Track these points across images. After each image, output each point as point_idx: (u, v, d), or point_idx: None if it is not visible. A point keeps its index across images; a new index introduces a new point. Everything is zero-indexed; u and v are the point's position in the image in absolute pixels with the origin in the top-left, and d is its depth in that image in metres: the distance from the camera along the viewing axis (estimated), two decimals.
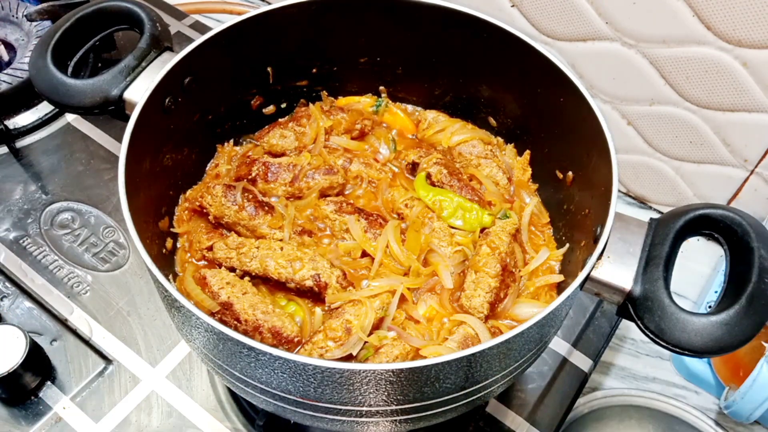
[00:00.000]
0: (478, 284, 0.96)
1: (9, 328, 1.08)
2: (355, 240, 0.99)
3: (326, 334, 0.89)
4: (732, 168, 1.36)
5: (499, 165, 1.11)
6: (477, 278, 0.97)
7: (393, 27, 1.08)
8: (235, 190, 1.02)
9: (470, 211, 1.04)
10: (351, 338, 0.88)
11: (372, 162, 1.12)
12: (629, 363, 1.37)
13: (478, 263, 0.98)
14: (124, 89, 0.93)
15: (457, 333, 0.93)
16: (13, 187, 1.36)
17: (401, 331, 0.92)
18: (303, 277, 0.94)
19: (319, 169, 1.06)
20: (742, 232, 0.79)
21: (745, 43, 1.18)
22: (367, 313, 0.90)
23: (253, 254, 0.96)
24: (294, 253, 0.96)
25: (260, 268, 0.96)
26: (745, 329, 0.74)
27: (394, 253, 0.98)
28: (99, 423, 1.10)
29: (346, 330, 0.88)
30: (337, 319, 0.90)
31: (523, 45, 0.98)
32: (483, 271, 0.97)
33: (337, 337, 0.88)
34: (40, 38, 0.98)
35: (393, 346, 0.89)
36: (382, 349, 0.89)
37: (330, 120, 1.12)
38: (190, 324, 0.77)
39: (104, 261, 1.27)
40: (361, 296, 0.92)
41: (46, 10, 1.48)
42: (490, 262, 0.97)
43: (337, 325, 0.89)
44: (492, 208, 1.06)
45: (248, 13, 1.00)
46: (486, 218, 1.03)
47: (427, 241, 1.01)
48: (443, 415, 0.83)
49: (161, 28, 0.99)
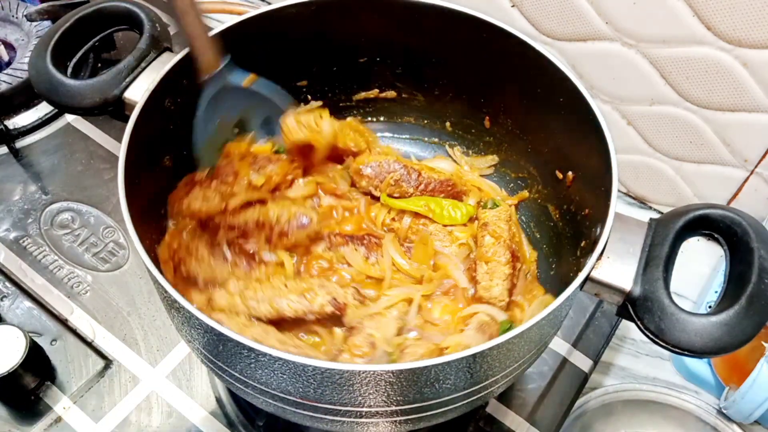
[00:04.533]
0: (493, 274, 0.97)
1: (9, 328, 1.08)
2: (355, 269, 0.98)
3: (352, 352, 0.88)
4: (732, 168, 1.36)
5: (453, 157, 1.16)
6: (490, 268, 0.98)
7: (393, 27, 1.08)
8: (220, 247, 0.96)
9: (457, 206, 1.06)
10: (377, 352, 0.87)
11: (339, 190, 1.09)
12: (629, 363, 1.37)
13: (486, 254, 0.98)
14: (124, 90, 0.93)
15: (473, 321, 0.93)
16: (13, 187, 1.36)
17: (421, 331, 0.92)
18: (321, 305, 0.91)
19: (291, 221, 1.00)
20: (742, 232, 0.79)
21: (745, 43, 1.18)
22: (387, 324, 0.89)
23: (260, 298, 0.91)
24: (300, 286, 0.92)
25: (272, 311, 0.90)
26: (745, 329, 0.74)
27: (403, 269, 0.98)
28: (99, 423, 1.10)
29: (371, 344, 0.88)
30: (359, 335, 0.89)
31: (523, 45, 0.98)
32: (494, 260, 0.98)
33: (364, 353, 0.87)
34: (40, 38, 0.98)
35: (417, 345, 0.89)
36: (407, 350, 0.89)
37: (262, 175, 1.03)
38: (190, 324, 0.77)
39: (104, 261, 1.27)
40: (379, 309, 0.92)
41: (46, 10, 1.48)
42: (498, 250, 0.98)
43: (361, 341, 0.88)
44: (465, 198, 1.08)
45: (248, 13, 1.00)
46: (471, 208, 1.05)
47: (431, 245, 1.01)
48: (443, 415, 0.83)
49: (161, 29, 0.99)
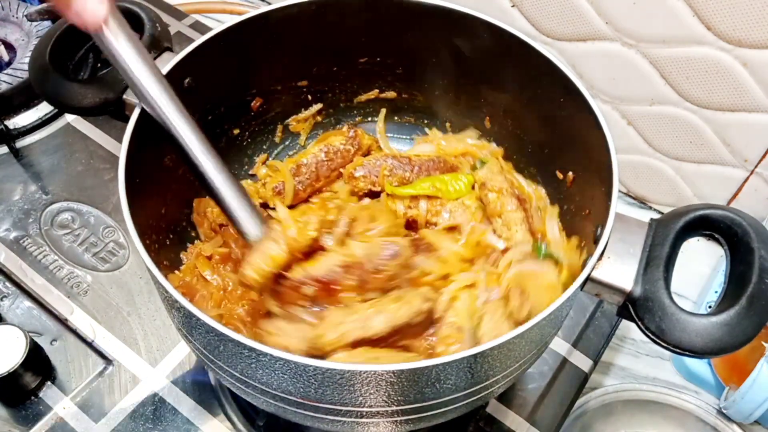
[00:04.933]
0: (509, 224, 1.01)
1: (9, 328, 1.08)
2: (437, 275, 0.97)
3: (446, 343, 0.88)
4: (732, 168, 1.36)
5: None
6: (504, 220, 1.02)
7: (393, 27, 1.08)
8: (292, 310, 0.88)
9: (457, 178, 1.08)
10: (464, 334, 0.88)
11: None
12: (629, 363, 1.37)
13: (495, 210, 1.02)
14: (124, 89, 0.93)
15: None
16: (13, 187, 1.36)
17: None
18: (419, 305, 0.88)
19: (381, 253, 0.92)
20: (742, 233, 0.79)
21: (745, 43, 1.18)
22: (461, 306, 0.91)
23: (366, 317, 0.85)
24: (388, 298, 0.88)
25: (386, 327, 0.84)
26: (745, 329, 0.74)
27: (460, 255, 0.99)
28: (99, 423, 1.10)
29: (458, 329, 0.89)
30: (443, 326, 0.90)
31: (523, 45, 0.98)
32: (505, 211, 1.01)
33: (456, 339, 0.88)
34: (40, 38, 0.98)
35: (486, 309, 0.91)
36: (484, 318, 0.90)
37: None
38: (190, 324, 0.77)
39: (104, 261, 1.27)
40: (455, 293, 0.93)
41: (46, 10, 1.48)
42: (504, 202, 1.02)
43: (447, 332, 0.89)
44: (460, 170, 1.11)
45: (248, 13, 1.00)
46: (470, 176, 1.09)
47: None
48: (444, 415, 0.83)
49: (161, 29, 0.99)
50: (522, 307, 0.89)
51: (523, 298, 0.89)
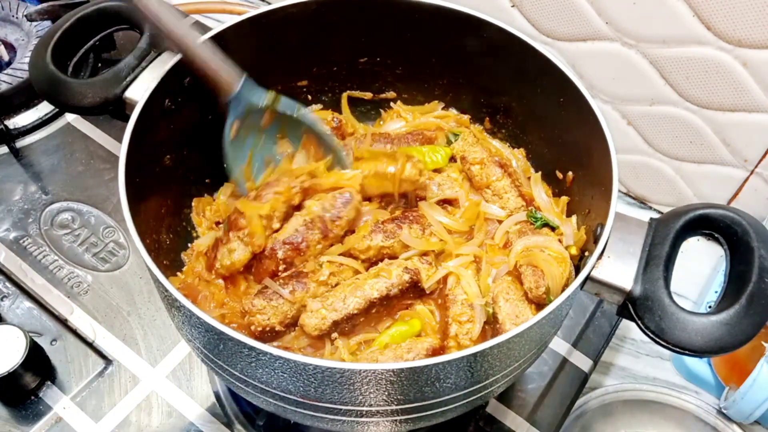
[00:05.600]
0: (498, 192, 1.03)
1: (9, 328, 1.08)
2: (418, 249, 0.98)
3: (459, 321, 0.92)
4: (732, 168, 1.36)
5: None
6: (494, 190, 1.04)
7: (393, 27, 1.08)
8: (269, 291, 0.93)
9: (435, 150, 1.09)
10: (476, 312, 0.92)
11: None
12: (629, 363, 1.37)
13: (482, 182, 1.04)
14: (124, 89, 0.93)
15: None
16: (13, 187, 1.36)
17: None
18: (400, 276, 0.92)
19: (336, 202, 0.97)
20: (742, 232, 0.79)
21: (745, 43, 1.18)
22: (470, 283, 0.94)
23: (343, 297, 0.91)
24: (372, 272, 0.94)
25: (362, 301, 0.91)
26: (745, 329, 0.74)
27: (453, 228, 1.00)
28: (99, 423, 1.10)
29: (470, 307, 0.92)
30: (455, 305, 0.93)
31: (523, 45, 0.98)
32: (491, 182, 1.04)
33: (469, 318, 0.91)
34: (40, 38, 0.98)
35: (498, 285, 0.94)
36: (496, 291, 0.93)
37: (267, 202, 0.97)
38: (190, 324, 0.77)
39: (104, 261, 1.27)
40: (454, 269, 0.95)
41: (46, 10, 1.48)
42: (488, 172, 1.04)
43: (460, 310, 0.92)
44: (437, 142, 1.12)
45: (248, 13, 1.00)
46: (447, 149, 1.10)
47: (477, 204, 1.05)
48: (443, 414, 0.83)
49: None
50: (538, 284, 0.90)
51: (537, 276, 0.90)
